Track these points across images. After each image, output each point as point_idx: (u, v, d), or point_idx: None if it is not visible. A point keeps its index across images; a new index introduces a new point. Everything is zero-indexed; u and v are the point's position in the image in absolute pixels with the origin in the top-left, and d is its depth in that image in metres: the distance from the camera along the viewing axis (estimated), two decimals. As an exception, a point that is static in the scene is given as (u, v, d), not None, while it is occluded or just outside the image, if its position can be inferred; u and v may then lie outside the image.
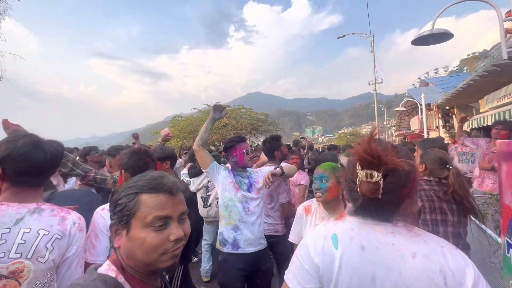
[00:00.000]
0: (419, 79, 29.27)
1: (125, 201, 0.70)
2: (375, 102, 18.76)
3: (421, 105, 13.85)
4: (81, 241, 1.09)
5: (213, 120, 2.06)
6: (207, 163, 2.01)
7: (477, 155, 3.84)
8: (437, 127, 15.67)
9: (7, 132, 1.45)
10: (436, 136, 9.29)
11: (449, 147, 4.71)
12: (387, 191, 0.75)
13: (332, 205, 1.65)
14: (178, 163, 4.71)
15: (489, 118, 6.34)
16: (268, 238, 2.18)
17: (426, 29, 3.94)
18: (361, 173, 0.77)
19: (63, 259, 1.03)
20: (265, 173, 2.08)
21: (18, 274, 0.93)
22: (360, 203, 0.80)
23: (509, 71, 5.71)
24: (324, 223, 0.89)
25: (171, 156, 2.46)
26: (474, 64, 23.10)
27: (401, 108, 19.44)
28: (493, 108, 7.37)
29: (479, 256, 2.26)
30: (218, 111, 2.07)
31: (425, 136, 11.76)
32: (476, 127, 7.37)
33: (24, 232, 0.96)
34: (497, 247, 1.98)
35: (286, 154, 2.86)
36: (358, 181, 0.77)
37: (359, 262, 0.75)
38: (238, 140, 2.09)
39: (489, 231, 2.16)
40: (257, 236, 1.98)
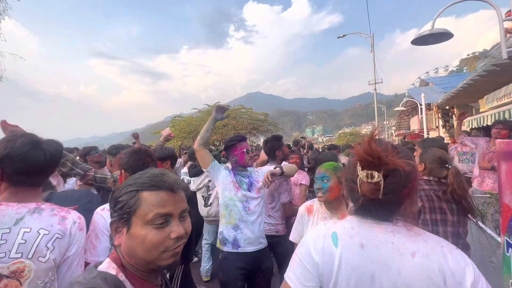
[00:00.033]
0: (419, 78, 29.26)
1: (125, 198, 0.70)
2: (375, 102, 18.75)
3: (421, 105, 13.85)
4: (81, 240, 1.09)
5: (215, 121, 2.06)
6: (208, 162, 2.02)
7: (477, 154, 3.84)
8: (437, 127, 15.67)
9: (5, 133, 1.44)
10: (436, 136, 9.30)
11: (449, 147, 4.71)
12: (387, 192, 0.75)
13: (334, 205, 1.65)
14: (177, 163, 4.71)
15: (489, 118, 6.34)
16: (269, 238, 2.18)
17: (426, 29, 3.93)
18: (361, 173, 0.77)
19: (63, 258, 1.03)
20: (265, 172, 2.08)
21: (19, 274, 0.93)
22: (360, 203, 0.80)
23: (509, 70, 5.71)
24: (324, 222, 0.89)
25: (171, 156, 2.46)
26: (474, 64, 23.10)
27: (401, 108, 19.44)
28: (493, 108, 7.37)
29: (479, 256, 2.26)
30: (220, 112, 2.08)
31: (425, 136, 11.76)
32: (476, 126, 7.37)
33: (25, 232, 0.96)
34: (496, 246, 1.98)
35: (287, 154, 2.87)
36: (359, 182, 0.77)
37: (358, 261, 0.75)
38: (238, 139, 2.10)
39: (489, 231, 2.17)
40: (257, 236, 1.98)
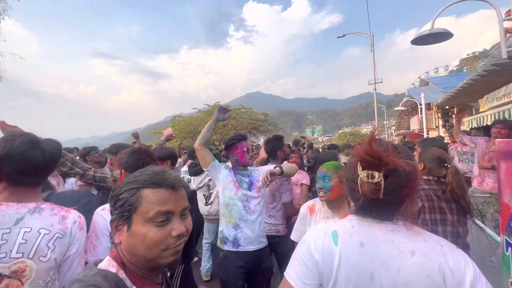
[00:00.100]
0: (419, 78, 29.25)
1: (126, 196, 0.69)
2: (375, 102, 18.75)
3: (421, 104, 13.85)
4: (82, 239, 1.09)
5: (217, 121, 2.08)
6: (209, 161, 2.02)
7: (476, 154, 3.84)
8: (436, 127, 15.68)
9: (4, 134, 1.45)
10: (436, 136, 9.30)
11: (449, 146, 4.72)
12: (388, 191, 0.75)
13: (336, 204, 1.64)
14: (177, 163, 4.73)
15: (489, 118, 6.34)
16: (269, 239, 2.18)
17: (426, 28, 3.94)
18: (362, 173, 0.77)
19: (64, 257, 1.03)
20: (265, 172, 2.08)
21: (20, 273, 0.93)
22: (361, 203, 0.80)
23: (509, 70, 5.72)
24: (325, 221, 0.90)
25: (171, 156, 2.46)
26: (474, 63, 23.10)
27: (401, 108, 19.44)
28: (492, 108, 7.37)
29: (478, 255, 2.26)
30: (222, 113, 2.09)
31: (425, 136, 11.77)
32: (475, 126, 7.37)
33: (25, 231, 0.96)
34: (496, 246, 1.98)
35: (288, 154, 2.89)
36: (359, 182, 0.77)
37: (358, 259, 0.76)
38: (239, 138, 2.10)
39: (489, 230, 2.16)
40: (257, 235, 1.98)
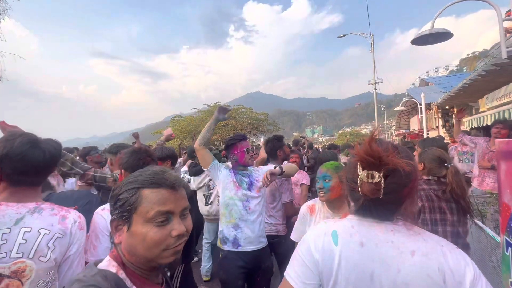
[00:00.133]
0: (419, 78, 29.24)
1: (126, 196, 0.69)
2: (375, 102, 18.75)
3: (421, 104, 13.85)
4: (82, 239, 1.09)
5: (217, 121, 2.08)
6: (209, 161, 2.02)
7: (476, 153, 3.84)
8: (436, 127, 15.68)
9: (4, 134, 1.45)
10: (436, 136, 9.31)
11: (449, 146, 4.72)
12: (388, 191, 0.75)
13: (336, 204, 1.64)
14: (177, 163, 4.74)
15: (489, 118, 6.34)
16: (269, 239, 2.18)
17: (425, 28, 3.94)
18: (362, 173, 0.77)
19: (64, 257, 1.03)
20: (265, 172, 2.08)
21: (20, 273, 0.93)
22: (361, 203, 0.80)
23: (509, 70, 5.72)
24: (325, 221, 0.90)
25: (171, 156, 2.46)
26: (474, 63, 23.10)
27: (401, 108, 19.44)
28: (492, 108, 7.37)
29: (478, 255, 2.26)
30: (222, 113, 2.09)
31: (425, 136, 11.77)
32: (475, 126, 7.37)
33: (25, 231, 0.96)
34: (496, 246, 1.98)
35: (288, 154, 2.90)
36: (359, 182, 0.78)
37: (358, 259, 0.76)
38: (239, 138, 2.10)
39: (489, 230, 2.16)
40: (257, 235, 1.98)
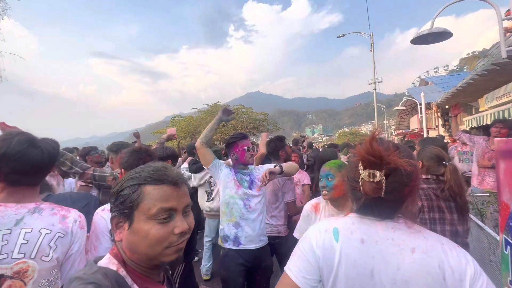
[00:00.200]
0: (419, 78, 29.25)
1: (127, 192, 0.67)
2: (375, 102, 18.76)
3: (420, 104, 13.87)
4: (83, 238, 1.09)
5: (220, 121, 2.11)
6: (210, 160, 2.04)
7: (475, 152, 3.85)
8: (436, 126, 15.70)
9: None
10: (436, 135, 9.32)
11: (449, 146, 4.72)
12: (389, 190, 0.76)
13: (340, 203, 1.65)
14: (177, 163, 4.76)
15: (489, 117, 6.34)
16: (270, 240, 2.19)
17: (425, 28, 3.95)
18: (363, 172, 0.78)
19: (66, 256, 1.04)
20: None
21: (23, 274, 0.93)
22: (362, 202, 0.81)
23: (508, 70, 5.73)
24: (327, 218, 0.90)
25: (172, 155, 2.46)
26: (474, 63, 23.09)
27: (400, 107, 19.46)
28: (492, 107, 7.38)
29: (478, 255, 2.26)
30: (226, 114, 2.12)
31: (425, 135, 11.78)
32: (475, 126, 7.38)
33: (26, 232, 0.96)
34: (496, 245, 1.99)
35: (290, 154, 2.90)
36: (361, 181, 0.78)
37: (358, 256, 0.76)
38: (240, 137, 2.11)
39: (488, 230, 2.17)
40: (258, 233, 1.99)
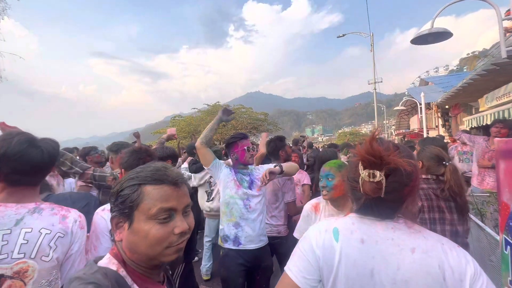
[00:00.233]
0: (419, 78, 29.26)
1: (127, 192, 0.67)
2: (374, 102, 18.76)
3: (420, 104, 13.87)
4: (83, 238, 1.09)
5: (220, 121, 2.11)
6: (210, 160, 2.04)
7: (474, 152, 3.85)
8: (436, 126, 15.70)
9: None
10: (436, 135, 9.32)
11: (449, 146, 4.72)
12: (389, 190, 0.76)
13: (340, 203, 1.65)
14: (177, 163, 4.77)
15: (489, 117, 6.34)
16: (270, 240, 2.19)
17: (425, 28, 3.95)
18: (363, 172, 0.78)
19: (66, 256, 1.04)
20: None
21: (23, 274, 0.93)
22: (362, 202, 0.81)
23: (508, 70, 5.73)
24: (327, 218, 0.90)
25: (172, 155, 2.47)
26: (474, 63, 23.08)
27: (400, 107, 19.47)
28: (492, 107, 7.37)
29: (478, 255, 2.26)
30: (226, 114, 2.12)
31: (425, 135, 11.78)
32: (475, 126, 7.38)
33: (26, 232, 0.96)
34: (496, 245, 1.99)
35: (290, 154, 2.90)
36: (361, 181, 0.78)
37: (358, 256, 0.76)
38: (240, 137, 2.11)
39: (488, 230, 2.17)
40: (258, 233, 1.99)
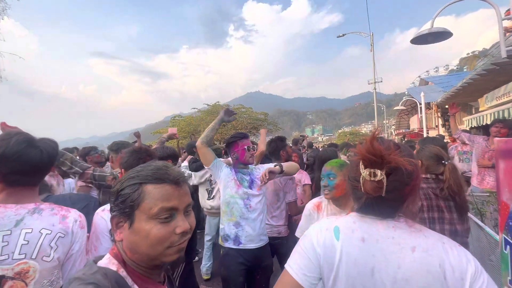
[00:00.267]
0: (419, 77, 29.29)
1: (128, 191, 0.66)
2: (374, 101, 18.77)
3: (420, 104, 13.87)
4: (83, 238, 1.09)
5: (221, 122, 2.12)
6: (210, 160, 2.04)
7: (474, 152, 3.85)
8: (436, 126, 15.70)
9: None
10: (436, 135, 9.33)
11: (449, 146, 4.72)
12: (390, 189, 0.76)
13: (342, 202, 1.65)
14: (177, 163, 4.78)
15: (488, 117, 6.34)
16: (271, 240, 2.19)
17: (425, 28, 3.95)
18: (364, 172, 0.78)
19: (67, 256, 1.04)
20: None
21: (24, 274, 0.93)
22: (363, 201, 0.81)
23: (508, 69, 5.73)
24: (328, 217, 0.91)
25: (172, 155, 2.47)
26: (474, 62, 23.08)
27: (400, 107, 19.48)
28: (492, 107, 7.38)
29: (477, 254, 2.27)
30: (227, 115, 2.13)
31: (425, 135, 11.78)
32: (475, 125, 7.38)
33: (26, 232, 0.95)
34: (495, 245, 1.99)
35: (291, 154, 2.90)
36: (362, 180, 0.78)
37: (359, 254, 0.76)
38: (240, 136, 2.12)
39: (488, 229, 2.17)
40: (258, 233, 1.99)
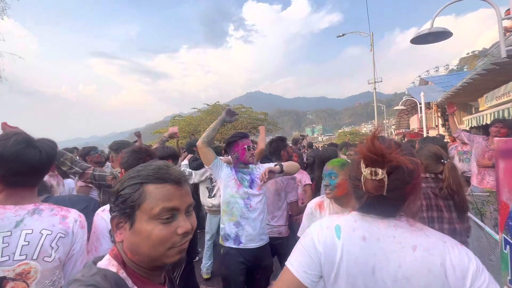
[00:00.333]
0: (419, 77, 29.30)
1: (128, 191, 0.65)
2: (374, 101, 18.77)
3: (420, 104, 13.88)
4: (83, 238, 1.09)
5: (223, 122, 2.12)
6: (211, 159, 2.05)
7: (473, 151, 3.85)
8: (436, 126, 15.71)
9: None
10: (436, 134, 9.34)
11: (449, 145, 4.72)
12: (391, 188, 0.76)
13: (344, 201, 1.65)
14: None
15: (488, 117, 6.34)
16: (271, 240, 2.19)
17: (425, 27, 3.95)
18: (365, 171, 0.78)
19: (68, 256, 1.04)
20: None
21: (25, 275, 0.92)
22: (365, 200, 0.81)
23: (508, 69, 5.73)
24: (329, 216, 0.91)
25: (173, 155, 2.47)
26: (474, 62, 23.07)
27: (400, 107, 19.49)
28: (492, 107, 7.38)
29: (477, 254, 2.26)
30: (229, 115, 2.14)
31: (425, 135, 11.79)
32: (475, 125, 7.38)
33: (26, 233, 0.95)
34: (495, 244, 1.99)
35: (292, 154, 2.90)
36: (363, 179, 0.78)
37: (360, 253, 0.77)
38: (240, 136, 2.12)
39: (488, 229, 2.17)
40: (258, 232, 1.99)
